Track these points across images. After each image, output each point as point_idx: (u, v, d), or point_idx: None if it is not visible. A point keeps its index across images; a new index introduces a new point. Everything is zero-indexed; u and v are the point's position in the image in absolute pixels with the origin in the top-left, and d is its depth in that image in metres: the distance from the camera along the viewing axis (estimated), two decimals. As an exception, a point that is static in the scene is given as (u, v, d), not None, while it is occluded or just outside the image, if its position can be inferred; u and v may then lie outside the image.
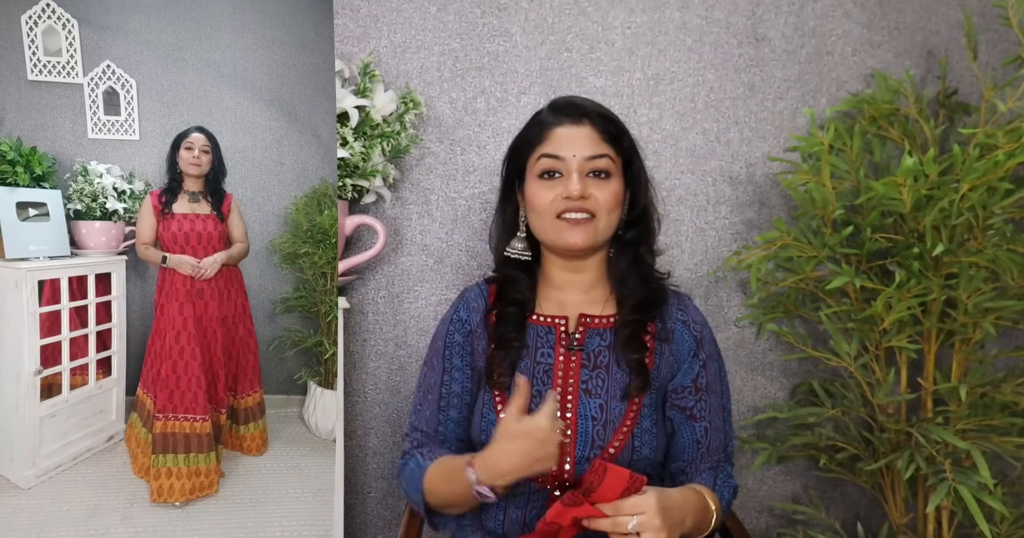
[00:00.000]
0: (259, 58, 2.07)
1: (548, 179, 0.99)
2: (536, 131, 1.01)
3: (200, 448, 1.76)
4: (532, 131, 1.02)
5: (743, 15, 1.65)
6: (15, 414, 1.70)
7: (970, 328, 1.41)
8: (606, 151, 0.99)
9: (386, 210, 1.63)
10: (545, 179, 0.99)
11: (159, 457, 1.73)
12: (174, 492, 1.71)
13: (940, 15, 1.68)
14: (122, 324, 1.92)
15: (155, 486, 1.71)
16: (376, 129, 1.48)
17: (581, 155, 0.97)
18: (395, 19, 1.62)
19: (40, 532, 1.59)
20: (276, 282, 2.15)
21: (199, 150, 1.82)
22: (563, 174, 0.98)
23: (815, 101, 1.67)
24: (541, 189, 0.99)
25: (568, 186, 0.96)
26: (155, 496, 1.71)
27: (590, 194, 0.96)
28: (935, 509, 1.40)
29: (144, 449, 1.81)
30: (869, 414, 1.53)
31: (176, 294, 1.82)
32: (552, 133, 0.99)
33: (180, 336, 1.80)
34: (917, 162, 1.29)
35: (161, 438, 1.74)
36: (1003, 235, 1.35)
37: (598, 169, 0.97)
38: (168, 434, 1.75)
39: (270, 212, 2.12)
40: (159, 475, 1.72)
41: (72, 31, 1.92)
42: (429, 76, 1.62)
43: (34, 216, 1.75)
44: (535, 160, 1.00)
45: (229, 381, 1.93)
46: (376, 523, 1.71)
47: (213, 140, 1.86)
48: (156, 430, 1.76)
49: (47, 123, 1.94)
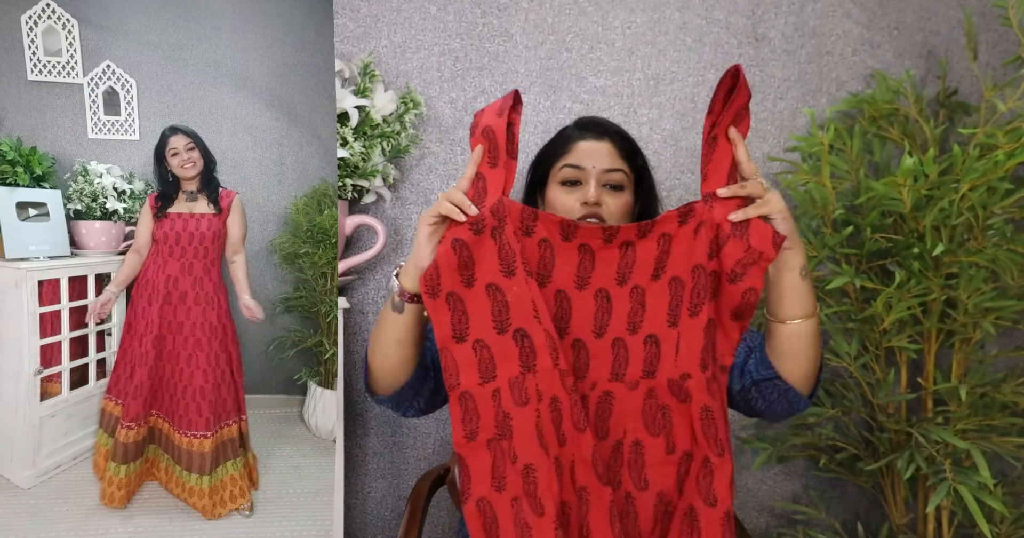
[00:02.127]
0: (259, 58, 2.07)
1: (569, 186, 1.05)
2: (561, 144, 1.08)
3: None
4: (557, 143, 1.09)
5: (743, 15, 1.65)
6: (15, 414, 1.70)
7: (970, 328, 1.41)
8: (621, 166, 1.05)
9: (386, 210, 1.63)
10: (566, 186, 1.05)
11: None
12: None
13: (940, 15, 1.68)
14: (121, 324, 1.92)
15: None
16: (376, 129, 1.48)
17: (600, 167, 1.03)
18: (395, 19, 1.62)
19: (40, 532, 1.59)
20: (276, 282, 2.14)
21: (185, 151, 1.76)
22: (582, 182, 1.04)
23: (815, 101, 1.67)
24: (562, 194, 1.05)
25: (586, 193, 1.02)
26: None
27: (604, 202, 1.02)
28: (935, 509, 1.40)
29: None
30: (869, 414, 1.53)
31: (156, 295, 1.74)
32: (576, 146, 1.06)
33: (146, 340, 1.73)
34: (917, 162, 1.29)
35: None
36: (1003, 235, 1.35)
37: (613, 182, 1.03)
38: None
39: (270, 212, 2.12)
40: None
41: (72, 31, 1.91)
42: (429, 76, 1.62)
43: (34, 216, 1.75)
44: (558, 169, 1.06)
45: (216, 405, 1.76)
46: (376, 523, 1.71)
47: (192, 134, 1.79)
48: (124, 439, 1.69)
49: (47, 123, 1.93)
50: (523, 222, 0.85)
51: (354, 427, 1.68)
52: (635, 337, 0.88)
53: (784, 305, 0.87)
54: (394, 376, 0.95)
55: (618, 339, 0.88)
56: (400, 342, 0.91)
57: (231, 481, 1.72)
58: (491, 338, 0.83)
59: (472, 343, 0.83)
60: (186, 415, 1.70)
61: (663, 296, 0.87)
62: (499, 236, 0.83)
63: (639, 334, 0.88)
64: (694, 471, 0.83)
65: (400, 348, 0.92)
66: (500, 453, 0.81)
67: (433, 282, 0.82)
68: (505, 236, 0.83)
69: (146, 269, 1.78)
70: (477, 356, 0.83)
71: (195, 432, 1.69)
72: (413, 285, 0.86)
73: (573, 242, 0.87)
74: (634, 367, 0.88)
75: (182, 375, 1.72)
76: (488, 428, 0.82)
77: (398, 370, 0.94)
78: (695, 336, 0.84)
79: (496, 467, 0.81)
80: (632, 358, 0.88)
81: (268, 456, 1.93)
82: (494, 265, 0.83)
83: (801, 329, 0.87)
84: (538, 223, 0.86)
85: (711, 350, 0.83)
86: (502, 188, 0.84)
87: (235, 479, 1.73)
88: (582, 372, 0.88)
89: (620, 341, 0.88)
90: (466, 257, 0.82)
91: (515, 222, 0.84)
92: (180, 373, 1.72)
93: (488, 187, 0.83)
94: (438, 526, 1.71)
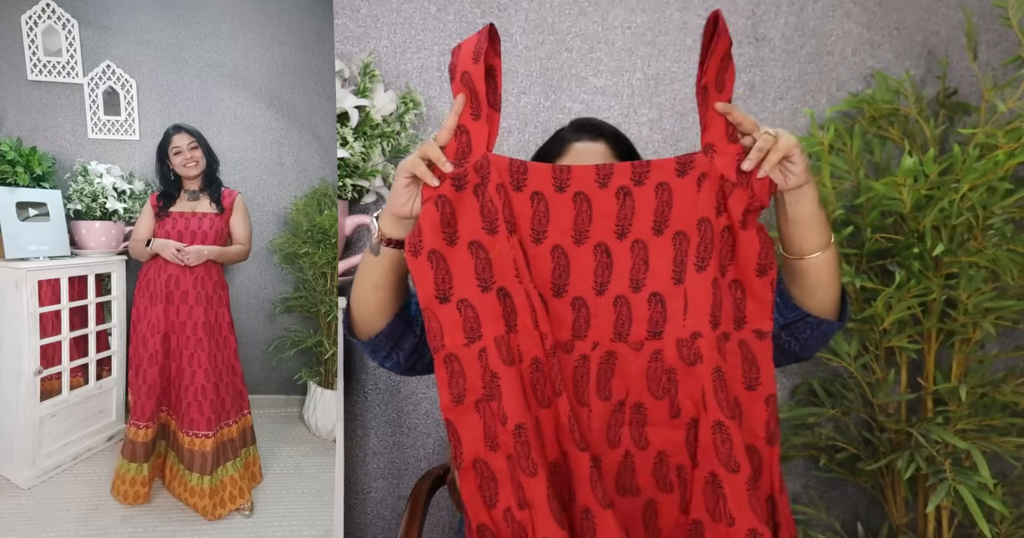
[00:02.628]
0: (259, 58, 2.07)
1: None
2: (558, 145, 1.08)
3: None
4: (554, 144, 1.09)
5: (743, 15, 1.65)
6: (15, 414, 1.70)
7: (970, 328, 1.41)
8: None
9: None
10: None
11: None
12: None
13: (940, 15, 1.68)
14: (122, 324, 1.92)
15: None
16: (376, 129, 1.48)
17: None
18: (395, 19, 1.62)
19: (40, 532, 1.59)
20: (276, 282, 2.15)
21: (188, 149, 1.77)
22: None
23: (815, 101, 1.67)
24: None
25: None
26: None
27: None
28: (935, 509, 1.40)
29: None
30: (869, 414, 1.53)
31: (157, 295, 1.74)
32: (571, 147, 1.05)
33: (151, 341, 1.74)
34: (917, 162, 1.29)
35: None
36: (1003, 235, 1.35)
37: None
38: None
39: (270, 212, 2.12)
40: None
41: (72, 31, 1.92)
42: (429, 76, 1.62)
43: (34, 216, 1.75)
44: None
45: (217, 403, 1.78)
46: (376, 523, 1.71)
47: (196, 134, 1.80)
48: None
49: (47, 123, 1.93)
50: (513, 176, 0.82)
51: (354, 427, 1.68)
52: (638, 295, 0.84)
53: (808, 239, 0.85)
54: (370, 321, 0.94)
55: (620, 297, 0.85)
56: (376, 286, 0.91)
57: (231, 481, 1.72)
58: (475, 297, 0.81)
59: (456, 303, 0.81)
60: (188, 414, 1.70)
61: (666, 252, 0.83)
62: (481, 193, 0.81)
63: (642, 292, 0.84)
64: (706, 438, 0.80)
65: (376, 292, 0.91)
66: (490, 414, 0.79)
67: (415, 239, 0.80)
68: (488, 193, 0.81)
69: (148, 269, 1.78)
70: (462, 316, 0.81)
71: (197, 431, 1.69)
72: (389, 228, 0.86)
73: (567, 191, 0.83)
74: (638, 327, 0.84)
75: (184, 374, 1.72)
76: (475, 389, 0.80)
77: (374, 315, 0.93)
78: (703, 292, 0.81)
79: (488, 428, 0.80)
80: (636, 317, 0.84)
81: (268, 456, 1.94)
82: (476, 222, 0.81)
83: (825, 258, 0.87)
84: (529, 175, 0.82)
85: (720, 307, 0.81)
86: (486, 143, 0.81)
87: (235, 479, 1.73)
88: (582, 331, 0.85)
89: (623, 299, 0.85)
90: (448, 213, 0.80)
91: (503, 177, 0.81)
92: (182, 372, 1.73)
93: (472, 142, 0.81)
94: (438, 526, 1.71)
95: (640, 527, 0.87)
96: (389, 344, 0.97)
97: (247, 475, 1.79)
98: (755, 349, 0.82)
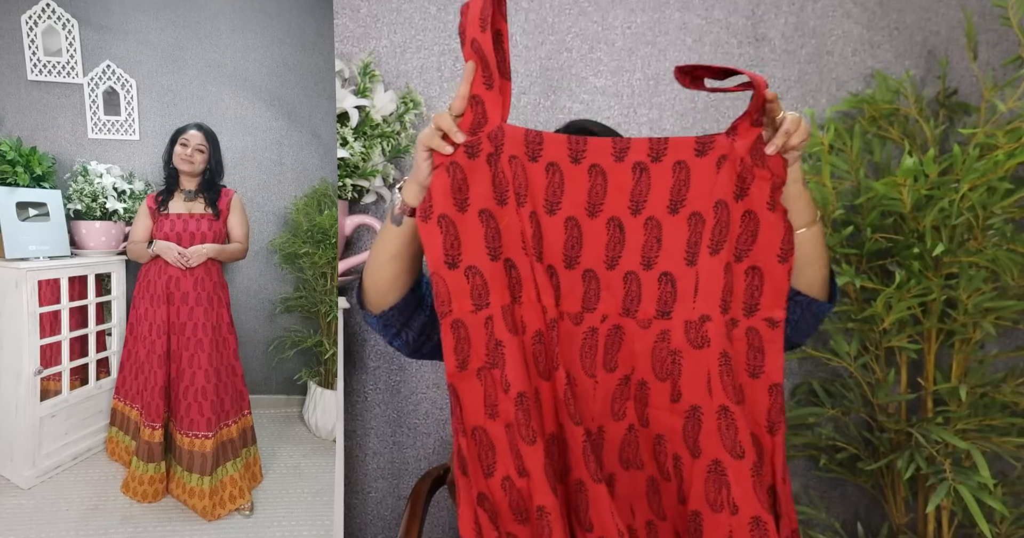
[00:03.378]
0: (259, 58, 2.07)
1: None
2: None
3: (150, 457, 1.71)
4: None
5: (743, 15, 1.65)
6: (15, 414, 1.70)
7: (970, 328, 1.41)
8: None
9: (386, 210, 1.63)
10: None
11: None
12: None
13: (940, 15, 1.68)
14: (122, 324, 1.92)
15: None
16: (376, 129, 1.48)
17: None
18: (395, 19, 1.62)
19: (40, 532, 1.59)
20: (276, 282, 2.15)
21: (193, 148, 1.75)
22: None
23: (815, 101, 1.67)
24: None
25: None
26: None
27: None
28: (935, 509, 1.40)
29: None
30: (869, 414, 1.53)
31: (158, 296, 1.74)
32: None
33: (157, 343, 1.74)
34: (917, 162, 1.29)
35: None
36: (1003, 235, 1.35)
37: None
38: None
39: (270, 212, 2.12)
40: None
41: (72, 31, 1.92)
42: (429, 76, 1.62)
43: (34, 216, 1.75)
44: None
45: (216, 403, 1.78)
46: (376, 523, 1.71)
47: (212, 139, 1.80)
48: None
49: (47, 123, 1.94)
50: (528, 146, 0.82)
51: (354, 427, 1.68)
52: (649, 273, 0.84)
53: (794, 216, 0.85)
54: (383, 294, 0.94)
55: (631, 273, 0.85)
56: (395, 256, 0.91)
57: (231, 481, 1.72)
58: (484, 264, 0.81)
59: (464, 269, 0.81)
60: (188, 415, 1.70)
61: (681, 232, 0.83)
62: (494, 163, 0.81)
63: (653, 270, 0.84)
64: (711, 423, 0.80)
65: (394, 262, 0.91)
66: (491, 382, 0.80)
67: (426, 205, 0.80)
68: (500, 164, 0.81)
69: (147, 270, 1.78)
70: (470, 283, 0.81)
71: (196, 432, 1.69)
72: (413, 198, 0.86)
73: (583, 163, 0.83)
74: (647, 305, 0.84)
75: (183, 375, 1.72)
76: (479, 356, 0.80)
77: (388, 286, 0.93)
78: (715, 276, 0.81)
79: (488, 396, 0.80)
80: (645, 295, 0.84)
81: (268, 456, 1.94)
82: (487, 191, 0.81)
83: (810, 235, 0.87)
84: (544, 145, 0.82)
85: (731, 292, 0.80)
86: (500, 114, 0.81)
87: (235, 479, 1.73)
88: (592, 303, 0.85)
89: (633, 275, 0.85)
90: (460, 179, 0.80)
91: (519, 147, 0.81)
92: (182, 373, 1.72)
93: (488, 113, 0.81)
94: (438, 526, 1.71)
95: (644, 503, 0.87)
96: (400, 320, 0.97)
97: (247, 475, 1.79)
98: (765, 337, 0.81)
